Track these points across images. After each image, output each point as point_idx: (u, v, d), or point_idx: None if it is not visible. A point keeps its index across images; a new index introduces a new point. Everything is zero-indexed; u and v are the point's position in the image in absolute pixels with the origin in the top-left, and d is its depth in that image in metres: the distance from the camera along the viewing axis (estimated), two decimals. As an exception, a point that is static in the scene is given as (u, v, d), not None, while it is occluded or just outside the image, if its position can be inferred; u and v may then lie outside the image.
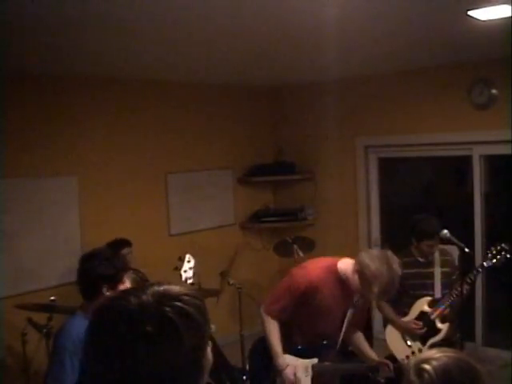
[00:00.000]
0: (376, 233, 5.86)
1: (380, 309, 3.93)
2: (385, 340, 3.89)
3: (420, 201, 5.98)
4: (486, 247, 5.03)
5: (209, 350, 1.16)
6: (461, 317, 3.72)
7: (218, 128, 5.86)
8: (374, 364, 3.05)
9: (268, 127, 6.38)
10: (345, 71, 5.19)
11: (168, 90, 5.41)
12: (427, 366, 1.22)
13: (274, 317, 3.04)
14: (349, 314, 3.03)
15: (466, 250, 3.34)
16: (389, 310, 3.85)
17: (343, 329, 3.03)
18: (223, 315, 5.49)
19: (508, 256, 3.54)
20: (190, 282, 3.05)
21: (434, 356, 1.23)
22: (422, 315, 3.75)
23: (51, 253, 4.56)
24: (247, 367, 3.15)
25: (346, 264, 2.96)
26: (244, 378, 4.65)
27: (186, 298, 1.10)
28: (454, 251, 3.85)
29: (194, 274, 3.09)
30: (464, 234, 4.55)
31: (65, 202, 4.68)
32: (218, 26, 3.26)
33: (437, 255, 3.85)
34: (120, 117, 5.06)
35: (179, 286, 1.14)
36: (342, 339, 3.07)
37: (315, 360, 3.03)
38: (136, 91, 5.17)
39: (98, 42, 3.48)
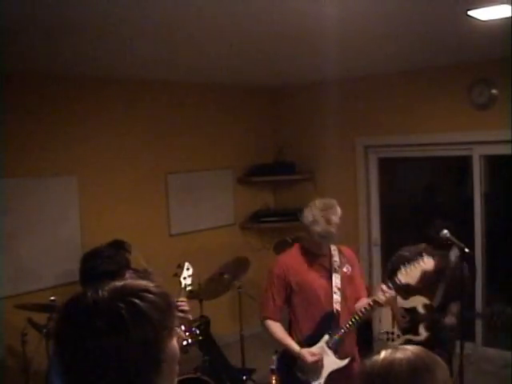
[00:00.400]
0: (376, 233, 5.86)
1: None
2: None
3: (420, 201, 5.98)
4: (486, 247, 5.04)
5: (171, 343, 1.14)
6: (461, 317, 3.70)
7: (218, 128, 5.86)
8: (372, 298, 3.05)
9: (268, 127, 6.38)
10: (345, 71, 5.19)
11: (168, 90, 5.41)
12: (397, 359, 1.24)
13: (274, 318, 3.12)
14: (334, 279, 3.10)
15: (466, 250, 3.34)
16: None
17: (335, 296, 3.08)
18: (223, 315, 5.50)
19: None
20: (189, 288, 3.10)
21: (400, 352, 1.25)
22: (413, 312, 3.74)
23: (51, 253, 4.55)
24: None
25: (304, 237, 3.21)
26: (244, 378, 4.66)
27: (142, 294, 1.11)
28: (454, 251, 3.83)
29: (193, 281, 3.18)
30: (464, 234, 4.55)
31: (65, 202, 4.68)
32: (218, 26, 3.26)
33: (450, 261, 3.82)
34: (120, 117, 5.06)
35: (143, 283, 1.15)
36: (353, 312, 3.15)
37: (326, 337, 3.06)
38: (136, 91, 5.17)
39: (98, 42, 3.48)
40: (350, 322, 3.07)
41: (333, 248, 3.21)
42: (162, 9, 2.80)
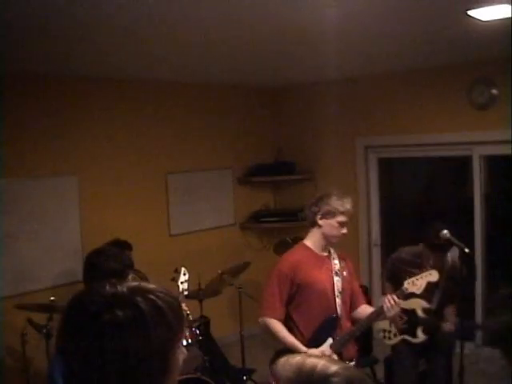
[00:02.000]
0: (376, 233, 5.86)
1: (383, 289, 4.05)
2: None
3: (420, 201, 5.98)
4: (486, 247, 5.04)
5: (179, 352, 1.15)
6: (461, 317, 3.71)
7: (218, 128, 5.86)
8: (378, 308, 3.08)
9: (268, 127, 6.38)
10: (345, 71, 5.19)
11: (168, 90, 5.41)
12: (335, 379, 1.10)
13: (276, 317, 3.06)
14: (336, 282, 3.11)
15: (466, 250, 3.34)
16: (388, 290, 3.86)
17: (337, 300, 3.09)
18: (223, 315, 5.49)
19: None
20: (185, 293, 3.13)
21: (330, 372, 1.11)
22: (412, 314, 3.73)
23: (51, 253, 4.55)
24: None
25: (310, 236, 3.18)
26: (244, 378, 4.66)
27: (159, 294, 1.12)
28: (454, 251, 3.83)
29: (189, 286, 3.25)
30: (464, 234, 4.55)
31: (65, 202, 4.68)
32: (218, 26, 3.27)
33: (447, 263, 3.82)
34: (120, 117, 5.06)
35: (157, 286, 1.16)
36: (352, 318, 3.18)
37: (330, 340, 3.05)
38: (136, 91, 5.17)
39: (98, 42, 3.48)
40: (357, 330, 3.10)
41: (333, 251, 3.21)
42: (163, 9, 2.80)
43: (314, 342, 3.04)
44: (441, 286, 3.75)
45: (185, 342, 4.04)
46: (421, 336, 3.69)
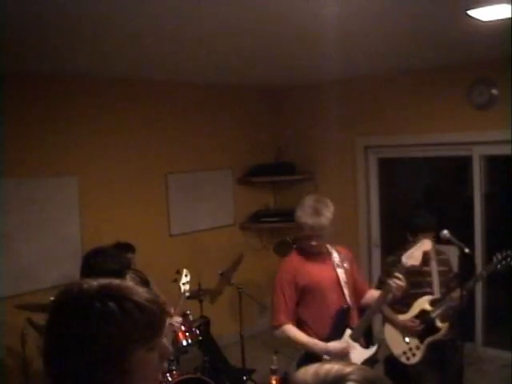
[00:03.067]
0: (376, 233, 5.86)
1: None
2: (384, 339, 3.89)
3: (420, 201, 5.98)
4: (486, 247, 5.04)
5: (146, 357, 1.15)
6: (461, 318, 3.70)
7: (218, 128, 5.87)
8: (385, 289, 3.09)
9: (268, 127, 6.38)
10: (345, 71, 5.19)
11: (168, 90, 5.41)
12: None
13: (287, 321, 3.06)
14: (340, 274, 3.14)
15: (466, 250, 3.33)
16: (387, 309, 3.85)
17: (345, 290, 3.12)
18: (223, 315, 5.49)
19: None
20: (187, 294, 3.16)
21: (345, 372, 1.09)
22: (423, 313, 3.74)
23: (51, 253, 4.56)
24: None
25: (302, 240, 3.17)
26: (244, 378, 4.66)
27: (131, 295, 1.15)
28: (454, 251, 3.84)
29: (190, 287, 3.28)
30: (464, 234, 4.55)
31: (65, 202, 4.68)
32: (218, 26, 3.27)
33: (433, 254, 3.83)
34: (120, 117, 5.06)
35: (139, 288, 1.19)
36: (363, 304, 3.22)
37: (348, 331, 3.06)
38: (136, 91, 5.17)
39: (98, 42, 3.48)
40: (371, 314, 3.12)
41: (329, 247, 3.24)
42: (163, 9, 2.80)
43: (333, 336, 3.04)
44: (434, 275, 3.76)
45: (185, 342, 4.05)
46: (441, 325, 3.68)
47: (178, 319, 2.98)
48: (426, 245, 3.13)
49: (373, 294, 3.30)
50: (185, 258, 5.18)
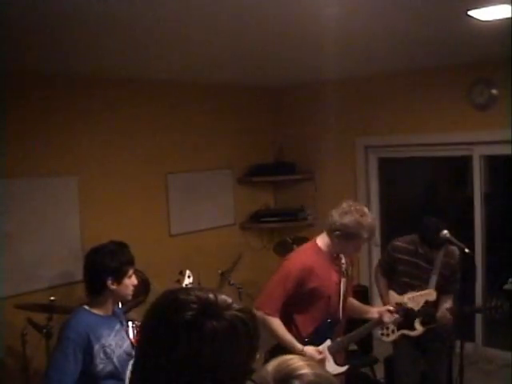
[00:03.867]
0: (376, 233, 5.85)
1: (376, 281, 4.03)
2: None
3: (420, 201, 5.98)
4: (486, 247, 5.04)
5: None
6: (460, 318, 3.69)
7: (218, 128, 5.86)
8: (377, 316, 3.14)
9: (268, 127, 6.38)
10: (345, 71, 5.19)
11: (168, 90, 5.41)
12: None
13: (273, 314, 3.00)
14: (342, 284, 3.09)
15: (466, 250, 3.33)
16: (383, 285, 3.89)
17: (341, 302, 3.09)
18: (223, 315, 5.49)
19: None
20: None
21: (297, 372, 1.12)
22: (408, 309, 3.70)
23: (51, 253, 4.55)
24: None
25: (323, 237, 3.07)
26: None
27: (244, 314, 1.16)
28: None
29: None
30: (464, 234, 4.55)
31: (65, 202, 4.68)
32: (218, 26, 3.27)
33: (440, 255, 3.79)
34: (120, 117, 5.06)
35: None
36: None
37: (328, 342, 3.04)
38: (136, 91, 5.17)
39: (98, 41, 3.48)
40: (355, 336, 3.15)
41: None
42: (163, 8, 2.80)
43: (312, 342, 3.02)
44: (434, 276, 3.73)
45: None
46: (419, 328, 3.67)
47: None
48: (430, 295, 3.24)
49: (353, 304, 3.27)
50: (185, 257, 5.18)
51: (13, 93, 4.21)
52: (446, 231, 3.46)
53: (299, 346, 2.95)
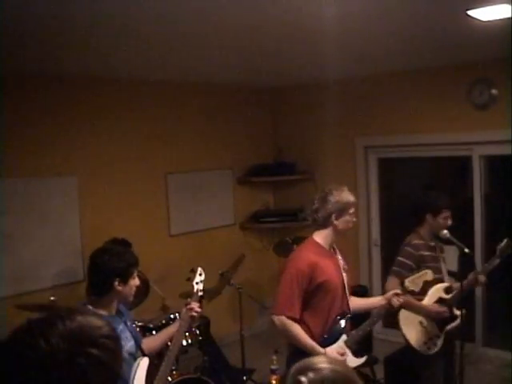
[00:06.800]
0: (376, 233, 5.86)
1: (387, 285, 3.75)
2: (401, 330, 3.68)
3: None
4: (486, 247, 5.04)
5: None
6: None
7: (218, 128, 5.87)
8: (385, 302, 3.15)
9: (268, 127, 6.39)
10: (345, 71, 5.20)
11: (168, 90, 5.42)
12: (303, 378, 1.14)
13: (293, 317, 2.98)
14: (344, 277, 3.13)
15: (466, 250, 3.34)
16: (407, 295, 3.74)
17: (348, 295, 3.13)
18: (223, 315, 5.50)
19: None
20: (200, 294, 3.12)
21: (315, 366, 1.15)
22: (441, 301, 3.67)
23: (51, 253, 4.55)
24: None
25: (318, 233, 3.13)
26: (244, 378, 4.66)
27: (102, 341, 1.03)
28: (454, 251, 3.83)
29: (204, 287, 3.18)
30: (464, 234, 4.55)
31: (65, 202, 4.68)
32: (218, 26, 3.27)
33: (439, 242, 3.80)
34: (120, 117, 5.06)
35: (95, 321, 1.06)
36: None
37: (344, 337, 3.05)
38: (136, 91, 5.17)
39: (98, 42, 3.48)
40: (369, 325, 3.12)
41: (335, 246, 3.21)
42: (163, 8, 2.80)
43: (328, 340, 3.02)
44: (443, 265, 3.74)
45: (185, 342, 4.05)
46: (458, 313, 3.66)
47: (196, 304, 2.96)
48: (428, 275, 3.22)
49: (356, 301, 3.27)
50: (185, 257, 5.18)
51: (13, 93, 4.22)
52: (445, 231, 3.46)
53: (321, 349, 2.95)
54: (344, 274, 3.14)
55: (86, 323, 1.04)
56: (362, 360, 3.10)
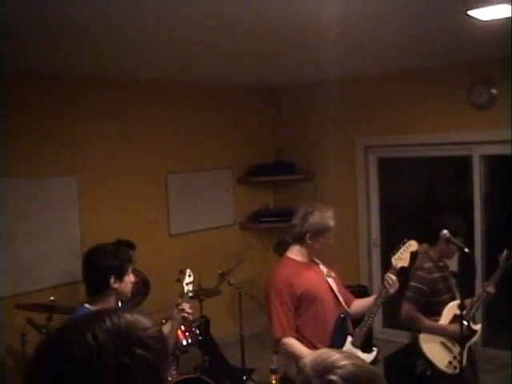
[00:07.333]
0: (376, 233, 5.86)
1: (415, 320, 3.62)
2: (423, 354, 3.57)
3: (420, 201, 5.98)
4: (486, 247, 5.04)
5: None
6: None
7: (217, 128, 5.87)
8: (380, 291, 3.10)
9: (268, 127, 6.38)
10: (345, 71, 5.19)
11: (168, 90, 5.41)
12: (334, 377, 1.11)
13: (291, 335, 2.96)
14: (330, 282, 3.13)
15: (466, 250, 3.33)
16: (425, 319, 3.60)
17: (339, 297, 3.11)
18: (223, 315, 5.50)
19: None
20: (190, 294, 3.17)
21: (337, 364, 1.12)
22: (456, 318, 3.53)
23: (51, 253, 4.55)
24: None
25: (292, 249, 3.16)
26: (244, 378, 4.66)
27: (148, 341, 1.00)
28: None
29: (193, 287, 3.25)
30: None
31: (65, 202, 4.68)
32: (217, 26, 3.27)
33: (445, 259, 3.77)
34: (120, 117, 5.06)
35: (142, 320, 1.03)
36: (352, 314, 3.18)
37: (349, 338, 3.04)
38: (136, 91, 5.17)
39: (98, 42, 3.48)
40: (369, 318, 3.08)
41: (314, 258, 3.21)
42: (162, 9, 2.80)
43: (334, 346, 2.96)
44: (450, 279, 3.73)
45: (185, 342, 4.05)
46: (477, 328, 3.64)
47: (186, 305, 2.99)
48: (412, 246, 3.17)
49: (360, 302, 3.27)
50: (185, 257, 5.18)
51: (13, 93, 4.21)
52: (445, 231, 3.45)
53: None
54: (330, 279, 3.13)
55: (134, 322, 1.01)
56: (374, 354, 3.08)
